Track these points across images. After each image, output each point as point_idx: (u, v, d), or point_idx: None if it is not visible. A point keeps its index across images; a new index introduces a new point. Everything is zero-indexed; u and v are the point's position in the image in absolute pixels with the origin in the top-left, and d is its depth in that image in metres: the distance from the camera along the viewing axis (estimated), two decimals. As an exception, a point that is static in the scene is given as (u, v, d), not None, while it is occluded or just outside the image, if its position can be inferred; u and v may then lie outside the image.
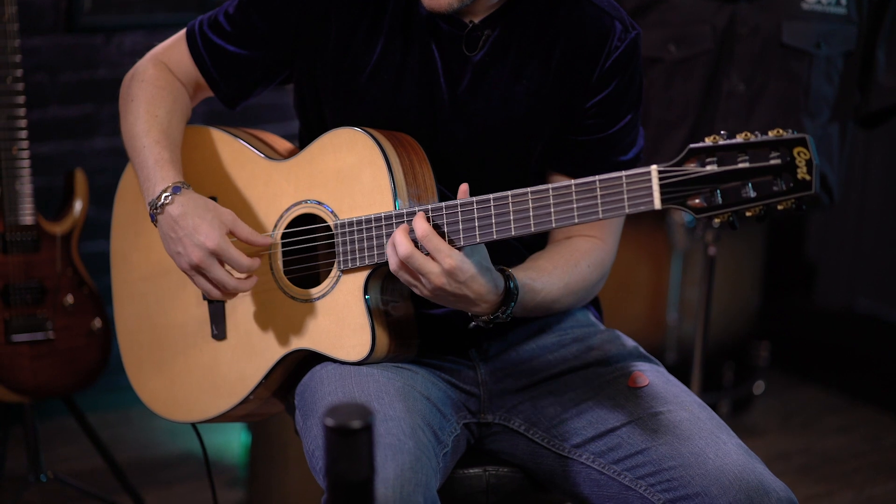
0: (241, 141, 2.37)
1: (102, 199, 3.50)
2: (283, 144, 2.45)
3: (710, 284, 3.61)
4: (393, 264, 2.08)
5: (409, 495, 1.96)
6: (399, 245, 2.05)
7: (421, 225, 2.05)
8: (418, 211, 2.08)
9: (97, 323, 3.29)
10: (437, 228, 2.07)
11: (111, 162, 3.95)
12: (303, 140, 2.42)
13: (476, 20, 2.25)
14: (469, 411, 2.30)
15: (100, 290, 3.30)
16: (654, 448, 2.12)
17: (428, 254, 2.05)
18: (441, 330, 2.28)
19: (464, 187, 2.09)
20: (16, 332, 3.19)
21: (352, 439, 1.51)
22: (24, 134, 3.17)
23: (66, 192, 3.33)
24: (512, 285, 2.13)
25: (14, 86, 3.16)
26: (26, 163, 3.18)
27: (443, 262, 2.03)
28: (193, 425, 2.47)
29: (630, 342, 2.36)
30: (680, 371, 3.45)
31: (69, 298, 3.26)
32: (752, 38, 3.22)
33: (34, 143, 3.26)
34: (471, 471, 2.29)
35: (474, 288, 2.06)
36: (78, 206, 3.30)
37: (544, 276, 2.22)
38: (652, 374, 2.25)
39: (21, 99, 3.17)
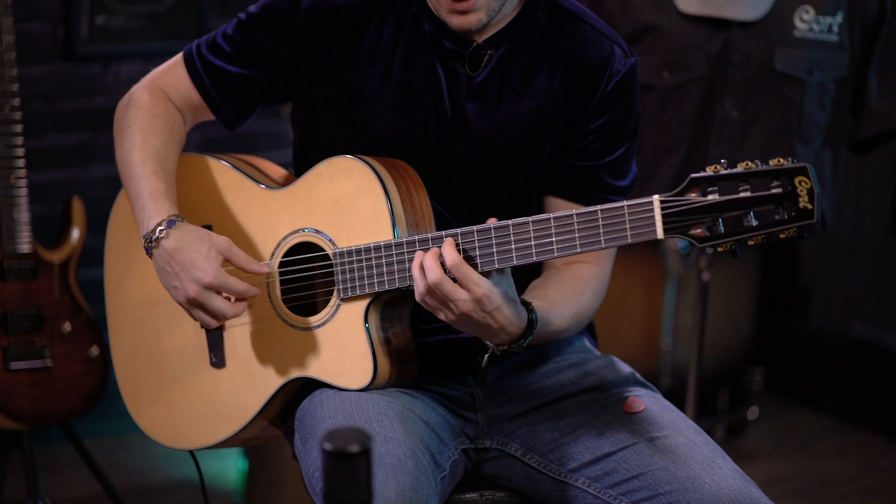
0: (236, 169, 2.36)
1: (99, 227, 3.50)
2: (278, 171, 2.44)
3: (704, 310, 3.62)
4: (420, 288, 2.06)
5: (409, 514, 1.96)
6: (429, 270, 2.03)
7: (451, 253, 2.03)
8: (446, 237, 2.07)
9: (94, 350, 3.30)
10: (465, 253, 2.06)
11: (108, 190, 3.95)
12: (296, 155, 2.43)
13: (479, 40, 2.26)
14: (467, 437, 2.30)
15: (97, 318, 3.30)
16: (650, 473, 2.13)
17: (456, 281, 2.04)
18: (439, 357, 2.29)
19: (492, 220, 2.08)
20: (14, 359, 3.20)
21: (350, 464, 1.51)
22: (21, 162, 3.19)
23: (63, 220, 3.34)
24: (534, 317, 2.13)
25: (11, 114, 3.17)
26: (24, 191, 3.20)
27: (472, 290, 2.02)
28: (191, 452, 2.47)
29: (626, 368, 2.37)
30: (674, 396, 3.46)
31: (67, 326, 3.26)
32: (746, 65, 3.24)
33: (32, 172, 3.27)
34: (467, 496, 2.29)
35: (498, 318, 2.06)
36: (75, 233, 3.31)
37: (557, 309, 2.22)
38: (648, 400, 2.26)
39: (18, 127, 3.18)
